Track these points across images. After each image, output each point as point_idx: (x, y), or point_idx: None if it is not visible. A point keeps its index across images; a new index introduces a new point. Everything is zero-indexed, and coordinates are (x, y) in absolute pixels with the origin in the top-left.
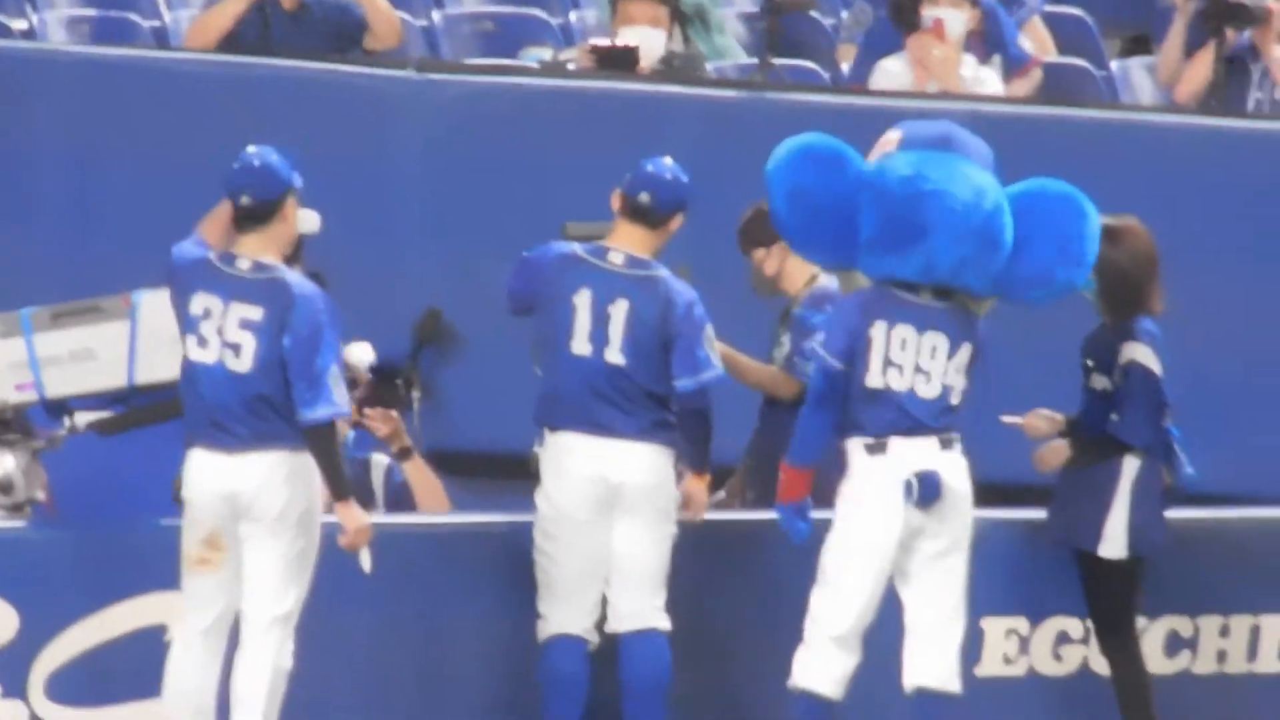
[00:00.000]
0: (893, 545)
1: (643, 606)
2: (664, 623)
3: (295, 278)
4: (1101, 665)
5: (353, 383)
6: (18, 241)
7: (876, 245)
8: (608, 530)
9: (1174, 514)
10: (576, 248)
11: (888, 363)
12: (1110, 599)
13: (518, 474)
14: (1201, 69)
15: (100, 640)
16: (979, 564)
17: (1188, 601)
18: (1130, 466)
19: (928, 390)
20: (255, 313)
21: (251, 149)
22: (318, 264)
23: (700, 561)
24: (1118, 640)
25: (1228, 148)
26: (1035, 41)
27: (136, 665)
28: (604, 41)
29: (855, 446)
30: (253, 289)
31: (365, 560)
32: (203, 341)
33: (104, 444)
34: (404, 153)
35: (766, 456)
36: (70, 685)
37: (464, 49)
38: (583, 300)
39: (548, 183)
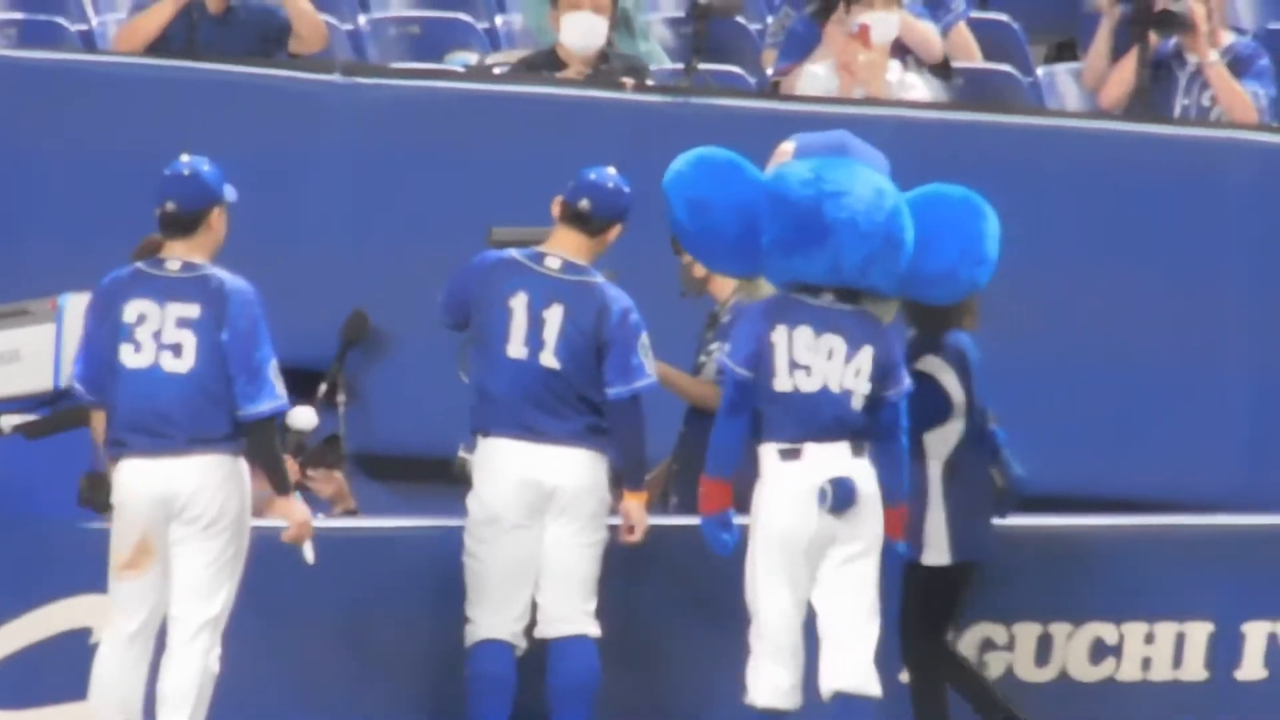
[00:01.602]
0: (807, 548)
1: (572, 611)
2: (593, 628)
3: (226, 274)
4: (1027, 671)
5: (297, 448)
6: None
7: (780, 248)
8: (539, 535)
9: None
10: (513, 252)
11: (793, 365)
12: (929, 605)
13: (443, 477)
14: (1126, 74)
15: (26, 642)
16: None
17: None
18: (934, 472)
19: (834, 389)
20: (192, 310)
21: (185, 158)
22: (236, 265)
23: (629, 567)
24: (927, 648)
25: (1153, 153)
26: (961, 47)
27: (63, 668)
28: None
29: (769, 452)
30: (186, 287)
31: (308, 552)
32: (138, 347)
33: (30, 446)
34: (330, 155)
35: (692, 461)
36: None
37: (390, 53)
38: (519, 303)
39: (473, 186)
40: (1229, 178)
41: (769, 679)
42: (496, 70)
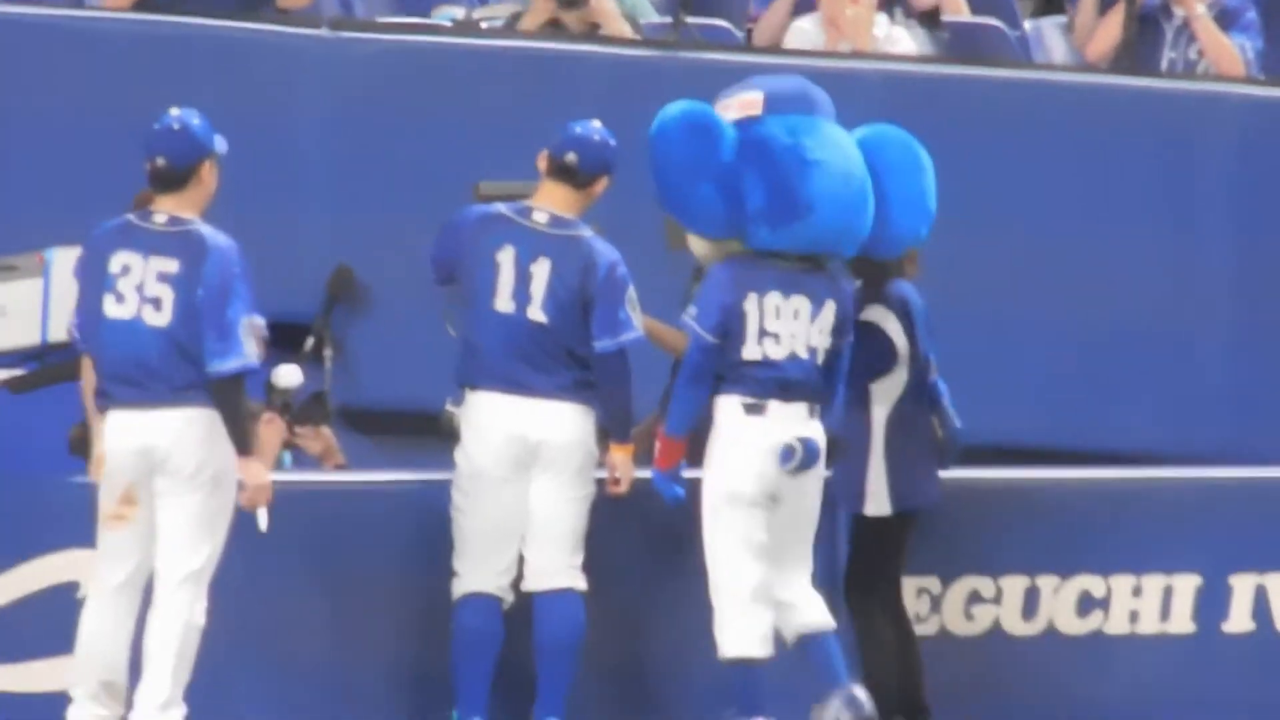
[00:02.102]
0: (763, 502)
1: (559, 565)
2: (580, 582)
3: (209, 230)
4: (1014, 625)
5: (284, 406)
6: None
7: (766, 219)
8: (525, 489)
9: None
10: (500, 207)
11: (763, 333)
12: (870, 555)
13: (428, 431)
14: (1112, 28)
15: (13, 597)
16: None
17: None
18: (878, 421)
19: (801, 353)
20: (171, 265)
21: (174, 111)
22: (223, 220)
23: (613, 520)
24: (868, 598)
25: (1139, 107)
26: (949, 1)
27: (49, 622)
28: None
29: (731, 405)
30: (169, 242)
31: (262, 519)
32: (120, 298)
33: (16, 400)
34: (316, 111)
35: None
36: None
37: (376, 7)
38: (506, 257)
39: (460, 141)
40: (1215, 131)
41: (736, 629)
42: (484, 25)
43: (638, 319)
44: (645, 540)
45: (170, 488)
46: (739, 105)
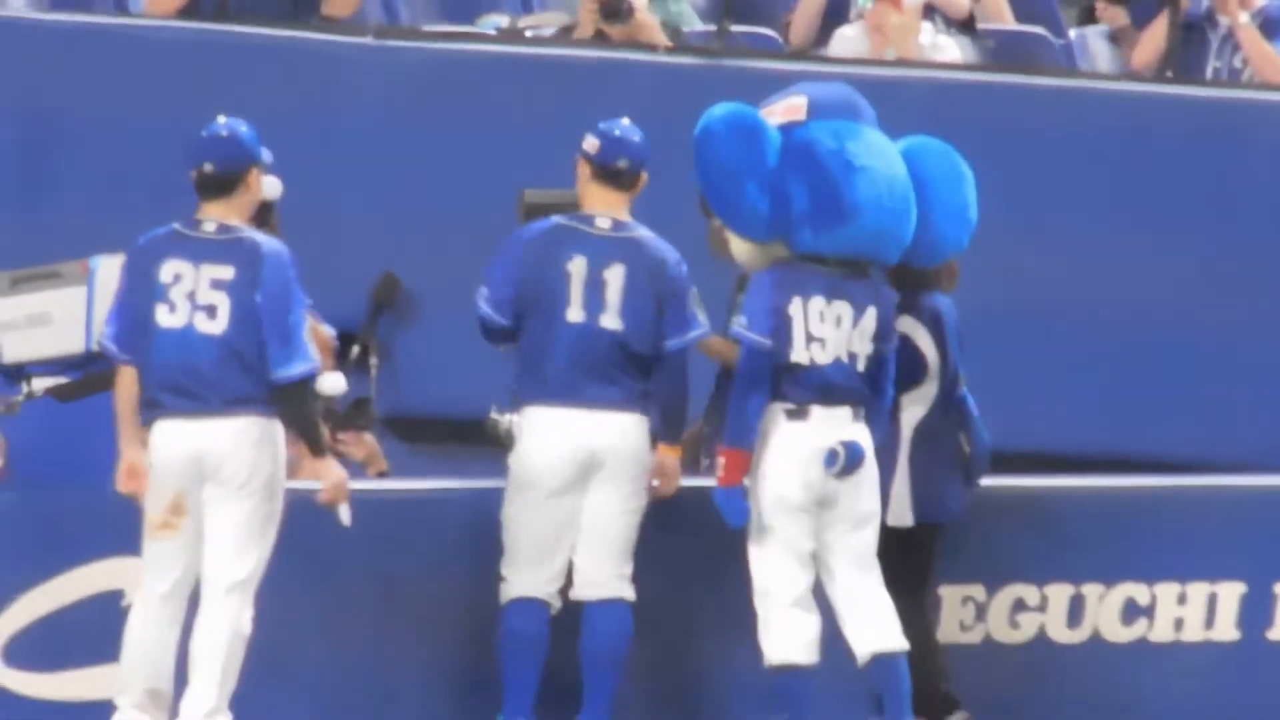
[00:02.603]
0: (810, 508)
1: (610, 575)
2: (629, 592)
3: (262, 237)
4: (1059, 632)
5: (327, 413)
6: None
7: (810, 222)
8: (580, 498)
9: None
10: (559, 219)
11: (809, 337)
12: (891, 564)
13: (474, 438)
14: (1157, 36)
15: (57, 605)
16: (940, 542)
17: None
18: (905, 433)
19: (844, 358)
20: (226, 272)
21: (221, 119)
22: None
23: (659, 528)
24: (906, 606)
25: (1184, 115)
26: (992, 9)
27: (94, 630)
28: None
29: (774, 411)
30: (221, 249)
31: (344, 514)
32: (172, 307)
33: (62, 409)
34: (361, 118)
35: (723, 423)
36: (28, 650)
37: (422, 15)
38: (577, 268)
39: (505, 149)
40: (1260, 139)
41: (782, 635)
42: (528, 33)
43: (703, 317)
44: (689, 547)
45: (221, 495)
46: (784, 110)
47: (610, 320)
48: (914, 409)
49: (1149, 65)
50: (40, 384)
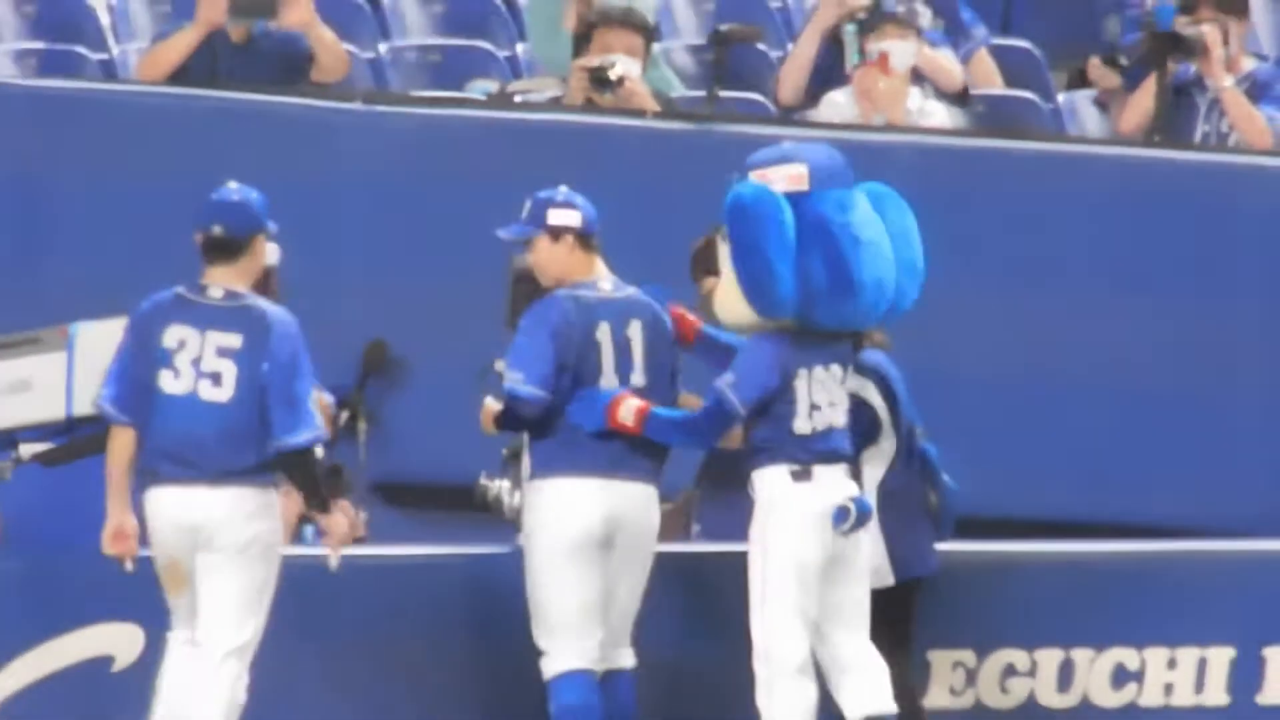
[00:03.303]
0: (818, 570)
1: (622, 643)
2: (631, 661)
3: (268, 305)
4: (1049, 697)
5: None
6: None
7: (826, 298)
8: (605, 567)
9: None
10: (562, 292)
11: (813, 408)
12: (880, 625)
13: (463, 505)
14: (1145, 101)
15: (49, 670)
16: (926, 597)
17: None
18: (869, 494)
19: (840, 419)
20: (234, 340)
21: (232, 185)
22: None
23: (653, 594)
24: (890, 666)
25: (1172, 179)
26: (982, 74)
27: (85, 695)
28: (594, 62)
29: (778, 474)
30: (228, 317)
31: (334, 561)
32: (176, 374)
33: (53, 475)
34: (351, 183)
35: (715, 488)
36: (18, 716)
37: (411, 81)
38: (604, 334)
39: (494, 214)
40: (1248, 203)
41: (786, 700)
42: (517, 98)
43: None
44: (686, 613)
45: (215, 563)
46: (786, 179)
47: (638, 377)
48: (874, 467)
49: (1138, 129)
50: (28, 450)
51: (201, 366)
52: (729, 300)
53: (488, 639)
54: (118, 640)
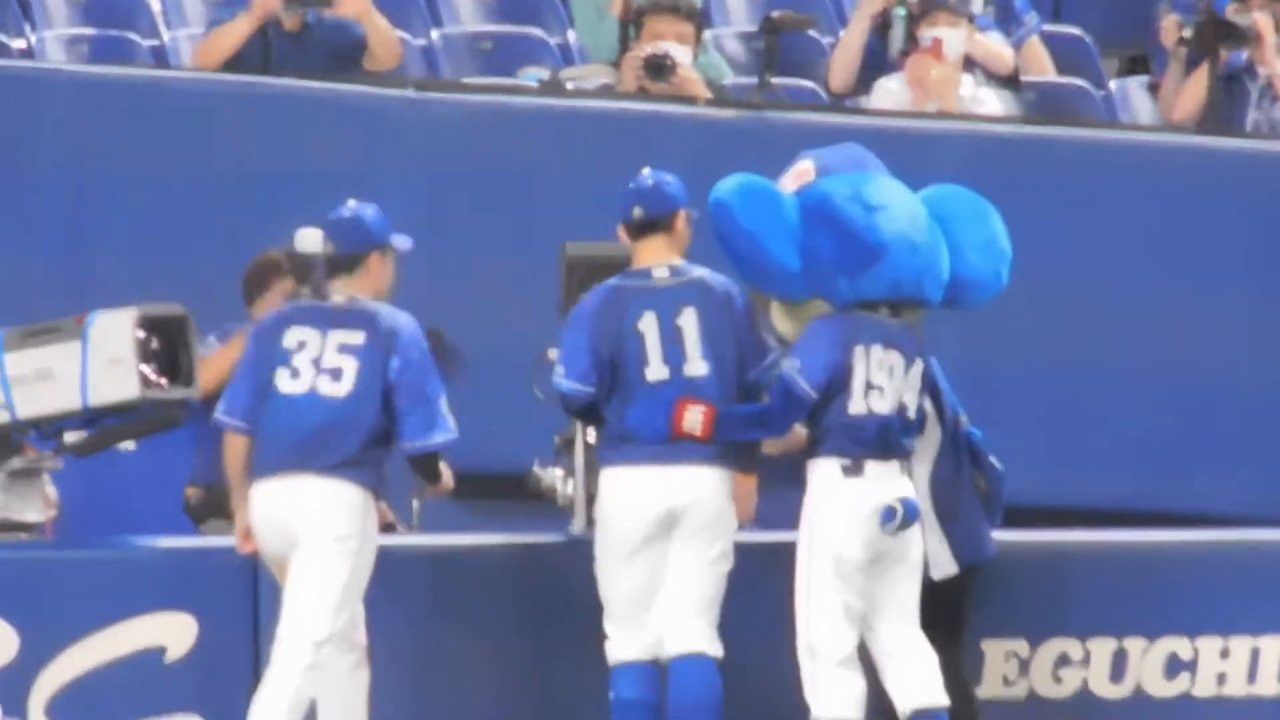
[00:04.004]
0: (864, 565)
1: (695, 630)
2: (716, 648)
3: (388, 309)
4: (1102, 687)
5: None
6: (17, 259)
7: (843, 269)
8: (665, 554)
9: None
10: (616, 280)
11: (869, 386)
12: (937, 615)
13: (516, 494)
14: (1197, 89)
15: (101, 661)
16: (980, 585)
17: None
18: (921, 485)
19: (897, 409)
20: (357, 337)
21: (352, 203)
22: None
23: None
24: (945, 659)
25: (1226, 167)
26: (1034, 61)
27: (136, 686)
28: (648, 50)
29: (829, 467)
30: (351, 317)
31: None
32: (295, 374)
33: (104, 463)
34: (402, 171)
35: (768, 481)
36: (70, 706)
37: (462, 68)
38: (649, 325)
39: (545, 202)
40: None
41: (833, 692)
42: (569, 85)
43: (772, 340)
44: (728, 603)
45: (309, 555)
46: (794, 177)
47: (694, 368)
48: (924, 458)
49: (1189, 116)
50: (72, 438)
51: (322, 364)
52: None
53: (540, 628)
54: (170, 630)
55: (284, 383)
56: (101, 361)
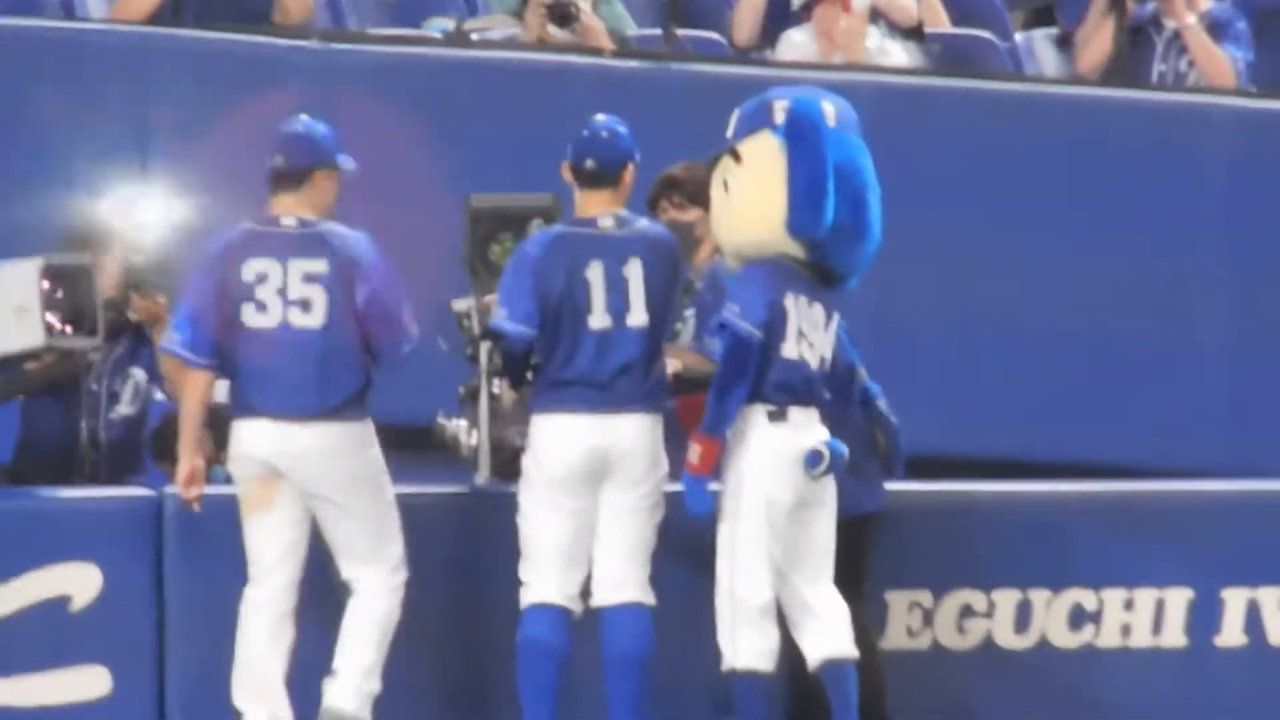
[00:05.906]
0: (788, 512)
1: (627, 578)
2: (649, 596)
3: (341, 231)
4: (1006, 638)
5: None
6: None
7: (848, 236)
8: (597, 500)
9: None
10: (560, 227)
11: (800, 334)
12: (837, 566)
13: (420, 445)
14: (1103, 40)
15: (4, 612)
16: (882, 536)
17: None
18: None
19: (820, 361)
20: (319, 265)
21: (303, 117)
22: (215, 233)
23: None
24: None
25: (1131, 119)
26: (929, 12)
27: (42, 637)
28: None
29: (755, 413)
30: (308, 243)
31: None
32: (261, 306)
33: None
34: None
35: (673, 430)
36: None
37: (367, 19)
38: (595, 274)
39: (451, 153)
40: (1206, 143)
41: (751, 642)
42: (474, 36)
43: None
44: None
45: (337, 504)
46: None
47: (636, 318)
48: None
49: (1095, 68)
50: None
51: (288, 295)
52: (743, 219)
53: (449, 579)
54: (75, 581)
55: (251, 317)
56: (7, 310)
